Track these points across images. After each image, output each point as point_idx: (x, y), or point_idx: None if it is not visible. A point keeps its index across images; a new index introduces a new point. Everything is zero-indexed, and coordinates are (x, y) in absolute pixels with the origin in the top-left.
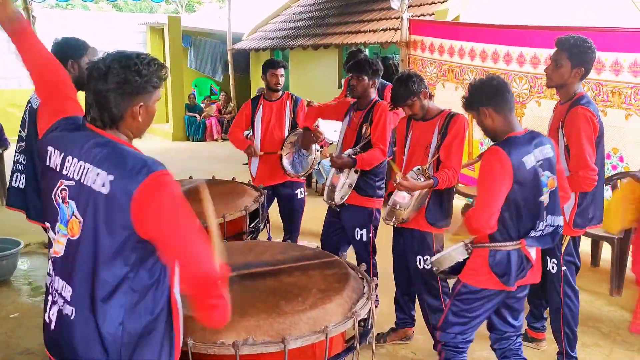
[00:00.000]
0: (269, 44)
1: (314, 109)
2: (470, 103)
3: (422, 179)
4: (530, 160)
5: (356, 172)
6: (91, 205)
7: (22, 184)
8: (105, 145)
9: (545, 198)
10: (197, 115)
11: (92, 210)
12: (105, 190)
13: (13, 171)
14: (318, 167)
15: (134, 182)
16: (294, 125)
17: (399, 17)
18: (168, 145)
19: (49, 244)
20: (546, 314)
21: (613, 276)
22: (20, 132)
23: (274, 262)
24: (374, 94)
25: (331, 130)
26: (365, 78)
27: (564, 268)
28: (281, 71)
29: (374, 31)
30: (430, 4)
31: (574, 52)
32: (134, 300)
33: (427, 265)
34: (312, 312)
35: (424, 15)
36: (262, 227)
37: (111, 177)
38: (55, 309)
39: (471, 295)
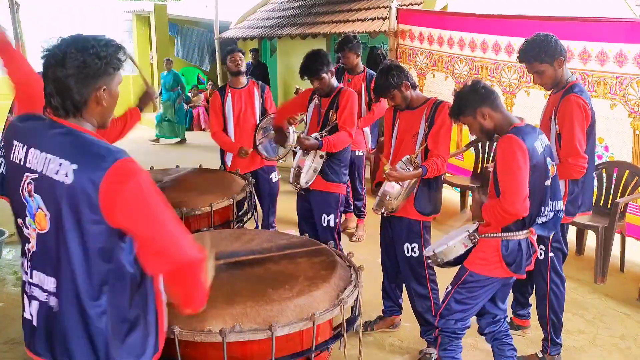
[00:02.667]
0: (256, 33)
1: (283, 110)
2: (463, 108)
3: (411, 169)
4: (539, 146)
5: (321, 157)
6: (55, 196)
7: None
8: (67, 135)
9: (549, 183)
10: (185, 105)
11: (56, 201)
12: (68, 180)
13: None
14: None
15: (99, 170)
16: (263, 112)
17: (387, 7)
18: (155, 134)
19: (22, 241)
20: (531, 300)
21: (597, 264)
22: (7, 116)
23: (261, 250)
24: (335, 82)
25: None
26: (325, 76)
27: (551, 254)
28: (239, 55)
29: (362, 20)
30: None
31: (540, 54)
32: (117, 289)
33: (415, 254)
34: (300, 299)
35: (412, 5)
36: (249, 215)
37: (74, 167)
38: (35, 304)
39: (477, 283)
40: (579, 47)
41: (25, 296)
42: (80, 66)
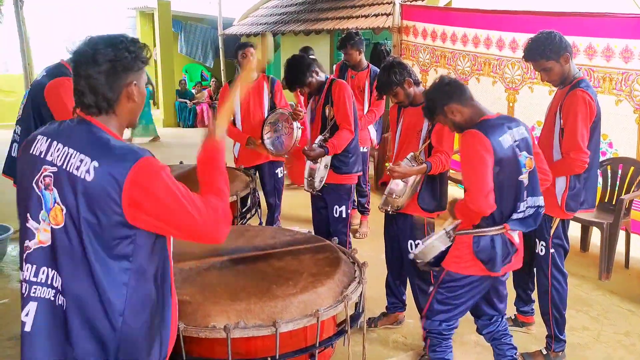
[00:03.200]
0: (260, 29)
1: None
2: (433, 109)
3: (415, 165)
4: (506, 139)
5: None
6: (74, 192)
7: (16, 152)
8: (91, 132)
9: (524, 178)
10: (188, 101)
11: (74, 197)
12: (89, 177)
13: (12, 142)
14: None
15: (122, 168)
16: (272, 106)
17: (391, 2)
18: (159, 131)
19: (24, 236)
20: (534, 296)
21: (602, 261)
22: (21, 104)
23: (265, 247)
24: (322, 77)
25: None
26: (310, 80)
27: (552, 251)
28: (251, 50)
29: (366, 16)
30: None
31: (546, 52)
32: (133, 288)
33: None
34: (304, 295)
35: (416, 1)
36: (253, 212)
37: (96, 164)
38: (34, 306)
39: (455, 282)
40: (585, 42)
41: (26, 293)
42: (112, 60)
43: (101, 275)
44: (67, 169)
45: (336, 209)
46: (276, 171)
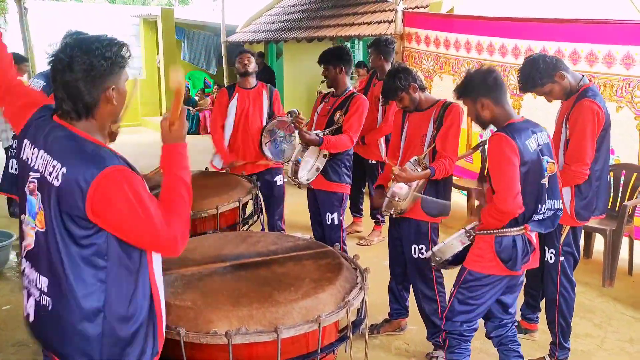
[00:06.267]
0: (262, 36)
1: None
2: (468, 92)
3: (419, 169)
4: (532, 143)
5: (324, 156)
6: (48, 197)
7: (16, 169)
8: (66, 138)
9: (546, 181)
10: (191, 108)
11: (49, 202)
12: (57, 183)
13: (8, 157)
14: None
15: (87, 175)
16: (271, 115)
17: (393, 10)
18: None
19: (20, 238)
20: (541, 305)
21: (605, 267)
22: None
23: (266, 253)
24: (348, 83)
25: None
26: (330, 67)
27: (561, 258)
28: (247, 55)
29: (368, 23)
30: None
31: (536, 80)
32: (113, 288)
33: (422, 255)
34: (305, 301)
35: (418, 8)
36: (255, 218)
37: (64, 170)
38: (32, 301)
39: (477, 282)
40: (586, 49)
41: (25, 291)
42: (87, 69)
43: (75, 276)
44: (45, 174)
45: (328, 216)
46: (275, 179)
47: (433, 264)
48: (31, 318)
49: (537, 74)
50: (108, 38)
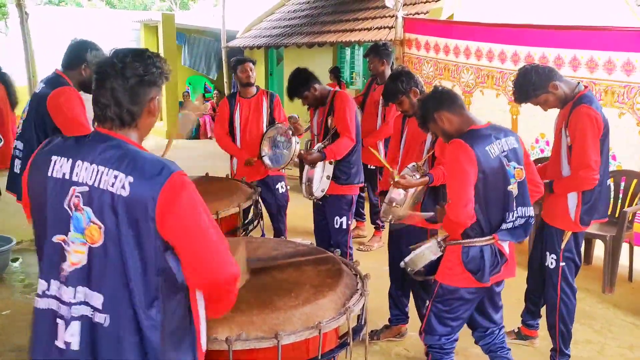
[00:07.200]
0: (263, 41)
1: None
2: (425, 116)
3: (417, 176)
4: (493, 150)
5: (330, 163)
6: (111, 209)
7: (19, 169)
8: (117, 147)
9: (513, 188)
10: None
11: (112, 214)
12: (125, 193)
13: (12, 157)
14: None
15: (156, 183)
16: (271, 121)
17: (393, 16)
18: (162, 143)
19: (53, 260)
20: (542, 312)
21: (605, 274)
22: (21, 118)
23: (267, 258)
24: (326, 89)
25: None
26: (307, 94)
27: (562, 264)
28: (250, 65)
29: (369, 29)
30: (424, 3)
31: (529, 92)
32: (168, 302)
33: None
34: (306, 307)
35: (418, 14)
36: (256, 223)
37: (130, 179)
38: (76, 327)
39: (449, 295)
40: (586, 55)
41: (54, 324)
42: (141, 74)
43: (140, 289)
44: (101, 186)
45: (337, 220)
46: (277, 186)
47: (409, 274)
48: (73, 346)
49: (531, 86)
50: (154, 52)
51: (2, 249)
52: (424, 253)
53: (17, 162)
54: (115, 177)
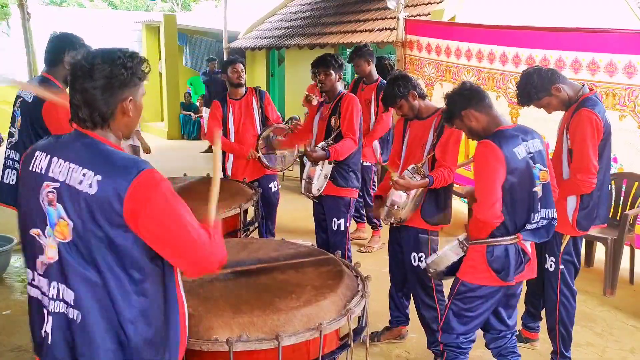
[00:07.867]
0: (265, 43)
1: (298, 137)
2: (451, 113)
3: (418, 178)
4: (521, 151)
5: (330, 163)
6: (79, 206)
7: (13, 180)
8: (91, 145)
9: (538, 189)
10: (192, 114)
11: (80, 211)
12: (92, 191)
13: (4, 167)
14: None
15: (123, 180)
16: (264, 120)
17: (395, 17)
18: (163, 144)
19: (32, 251)
20: (542, 314)
21: (606, 276)
22: (10, 127)
23: (268, 260)
24: (340, 87)
25: None
26: (332, 72)
27: (561, 267)
28: (240, 66)
29: (370, 31)
30: (426, 4)
31: (532, 95)
32: (146, 297)
33: (422, 263)
34: (306, 309)
35: (420, 16)
36: (256, 224)
37: (99, 177)
38: (52, 319)
39: (471, 293)
40: (588, 58)
41: (42, 311)
42: (107, 76)
43: (112, 285)
44: (70, 183)
45: (334, 221)
46: (269, 185)
47: (430, 275)
48: (49, 339)
49: (533, 89)
50: (130, 51)
51: (2, 249)
52: (447, 254)
53: (11, 173)
54: (84, 175)
